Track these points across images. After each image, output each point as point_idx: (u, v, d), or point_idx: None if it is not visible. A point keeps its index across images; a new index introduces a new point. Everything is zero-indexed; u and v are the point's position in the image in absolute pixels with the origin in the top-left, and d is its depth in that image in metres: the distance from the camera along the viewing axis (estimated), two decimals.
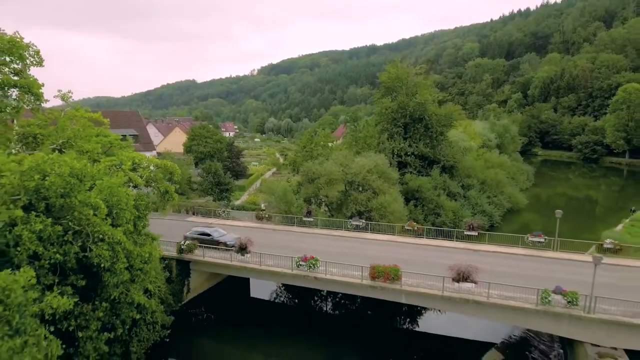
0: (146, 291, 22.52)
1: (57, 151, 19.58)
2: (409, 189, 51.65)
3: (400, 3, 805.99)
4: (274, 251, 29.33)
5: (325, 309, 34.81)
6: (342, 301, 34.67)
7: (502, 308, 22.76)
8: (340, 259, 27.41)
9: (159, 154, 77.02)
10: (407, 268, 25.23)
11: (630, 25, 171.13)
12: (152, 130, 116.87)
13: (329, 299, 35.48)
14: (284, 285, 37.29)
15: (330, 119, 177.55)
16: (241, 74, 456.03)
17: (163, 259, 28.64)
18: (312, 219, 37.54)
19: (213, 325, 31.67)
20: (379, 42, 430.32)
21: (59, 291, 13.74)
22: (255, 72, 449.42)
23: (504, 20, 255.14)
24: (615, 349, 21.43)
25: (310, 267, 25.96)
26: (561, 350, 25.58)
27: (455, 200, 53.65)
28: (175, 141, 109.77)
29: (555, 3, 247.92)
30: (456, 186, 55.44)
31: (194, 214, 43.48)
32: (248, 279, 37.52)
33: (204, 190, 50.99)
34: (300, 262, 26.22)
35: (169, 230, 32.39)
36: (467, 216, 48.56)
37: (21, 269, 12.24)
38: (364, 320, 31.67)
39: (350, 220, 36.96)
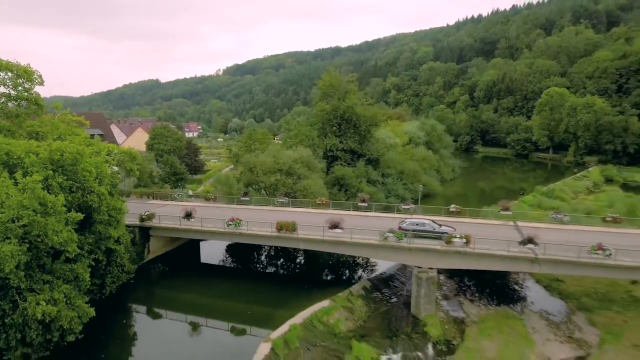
0: (117, 240, 33.48)
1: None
2: (336, 177, 64.26)
3: (367, 6, 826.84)
4: (215, 221, 40.66)
5: (256, 264, 46.79)
6: (266, 257, 46.80)
7: (361, 245, 35.23)
8: (265, 224, 39.07)
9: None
10: (309, 226, 37.30)
11: (564, 33, 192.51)
12: (114, 130, 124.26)
13: (259, 257, 47.55)
14: (227, 248, 49.06)
15: (291, 119, 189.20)
16: (206, 74, 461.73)
17: (128, 226, 39.33)
18: (247, 199, 49.07)
19: (168, 278, 42.74)
20: (344, 44, 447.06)
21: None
22: (220, 72, 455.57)
23: (458, 26, 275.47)
24: (431, 268, 34.24)
25: (235, 225, 37.52)
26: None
27: (375, 186, 66.66)
28: (137, 141, 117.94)
29: (505, 10, 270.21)
30: (376, 175, 68.53)
31: (154, 198, 54.04)
32: (199, 245, 48.96)
33: (162, 179, 61.56)
34: (229, 222, 37.74)
35: (134, 209, 43.13)
36: (381, 199, 61.73)
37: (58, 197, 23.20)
38: (278, 267, 43.79)
39: (277, 198, 48.74)
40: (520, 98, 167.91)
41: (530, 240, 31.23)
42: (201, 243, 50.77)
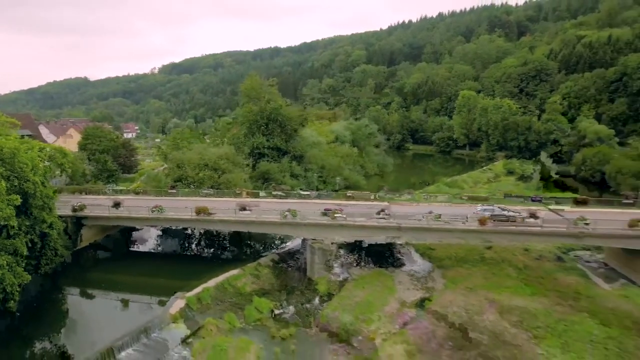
0: (50, 226, 38.47)
1: None
2: (262, 172, 71.62)
3: (307, 6, 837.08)
4: (142, 209, 46.35)
5: (183, 248, 53.17)
6: (193, 242, 53.41)
7: (266, 223, 42.97)
8: (187, 210, 45.39)
9: None
10: (223, 210, 44.29)
11: (479, 41, 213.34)
12: (43, 131, 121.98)
13: (186, 242, 54.04)
14: (158, 237, 54.86)
15: (229, 120, 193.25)
16: (140, 73, 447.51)
17: (61, 216, 43.99)
18: (175, 191, 55.04)
19: (101, 263, 48.03)
20: (283, 45, 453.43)
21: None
22: (156, 71, 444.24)
23: (390, 31, 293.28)
24: (315, 239, 42.65)
25: (158, 211, 43.73)
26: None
27: (298, 179, 74.83)
28: (69, 142, 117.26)
29: (432, 17, 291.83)
30: (299, 169, 76.72)
31: (86, 194, 58.19)
32: (130, 234, 54.29)
33: (94, 176, 65.44)
34: (153, 209, 43.86)
35: (68, 202, 47.69)
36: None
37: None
38: (204, 250, 50.63)
39: (202, 190, 55.19)
40: (445, 99, 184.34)
41: (382, 210, 40.83)
42: (133, 233, 56.11)
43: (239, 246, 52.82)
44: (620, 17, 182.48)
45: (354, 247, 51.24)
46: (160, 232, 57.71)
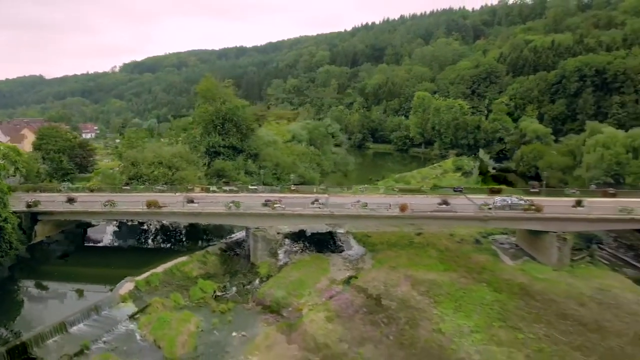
0: (5, 220, 41.62)
1: None
2: (216, 170, 75.79)
3: (275, 6, 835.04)
4: (95, 204, 49.79)
5: (139, 242, 56.90)
6: (149, 235, 57.22)
7: (212, 214, 47.58)
8: (138, 203, 49.18)
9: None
10: (172, 203, 48.49)
11: (437, 44, 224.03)
12: None
13: (143, 236, 57.72)
14: (114, 233, 58.31)
15: (190, 119, 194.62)
16: (100, 71, 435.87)
17: (15, 212, 46.89)
18: (129, 188, 58.54)
19: (55, 257, 51.06)
20: (249, 44, 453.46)
21: None
22: (117, 69, 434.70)
23: (353, 32, 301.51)
24: (258, 228, 47.57)
25: (111, 205, 47.47)
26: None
27: (252, 176, 79.41)
28: (25, 142, 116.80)
29: (394, 20, 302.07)
30: (254, 167, 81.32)
31: (41, 192, 60.62)
32: (85, 230, 57.48)
33: (49, 175, 67.75)
34: (105, 203, 47.58)
35: (23, 199, 50.47)
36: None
37: None
38: (160, 242, 54.57)
39: (155, 186, 58.97)
40: (403, 100, 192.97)
41: (316, 200, 46.38)
42: (89, 229, 59.20)
43: (195, 239, 56.80)
44: (564, 23, 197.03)
45: (299, 236, 56.66)
46: (116, 228, 61.04)
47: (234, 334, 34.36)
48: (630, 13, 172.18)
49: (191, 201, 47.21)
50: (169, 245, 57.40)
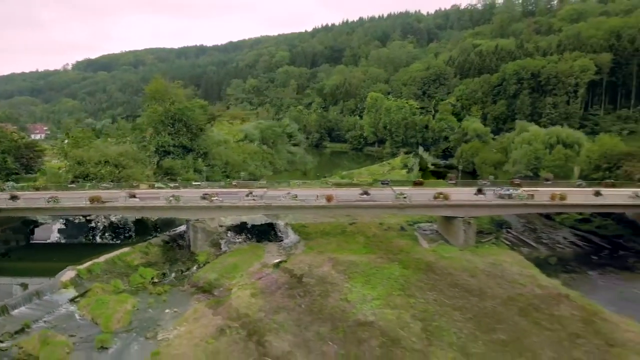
0: None
1: None
2: (165, 168, 79.43)
3: (237, 5, 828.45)
4: (39, 201, 52.65)
5: (86, 238, 59.99)
6: (96, 232, 60.46)
7: (154, 208, 51.71)
8: (81, 199, 52.49)
9: None
10: (115, 199, 52.16)
11: (392, 46, 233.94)
12: None
13: (90, 233, 60.89)
14: (60, 230, 61.04)
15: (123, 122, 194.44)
16: (51, 69, 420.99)
17: None
18: (74, 186, 61.45)
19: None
20: (209, 43, 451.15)
21: None
22: (69, 67, 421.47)
23: (313, 33, 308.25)
24: (197, 220, 52.18)
25: (54, 201, 50.66)
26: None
27: (201, 173, 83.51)
28: None
29: (353, 22, 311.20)
30: (202, 165, 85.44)
31: None
32: (32, 227, 60.00)
33: None
34: (49, 199, 50.72)
35: None
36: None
37: None
38: (108, 238, 58.05)
39: (101, 184, 62.17)
40: (359, 100, 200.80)
41: (250, 193, 51.63)
42: (36, 228, 61.55)
43: (144, 234, 59.98)
44: (510, 29, 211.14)
45: (242, 229, 61.53)
46: (63, 225, 63.65)
47: (166, 310, 38.95)
48: (567, 20, 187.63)
49: (133, 196, 51.16)
50: (117, 241, 60.49)
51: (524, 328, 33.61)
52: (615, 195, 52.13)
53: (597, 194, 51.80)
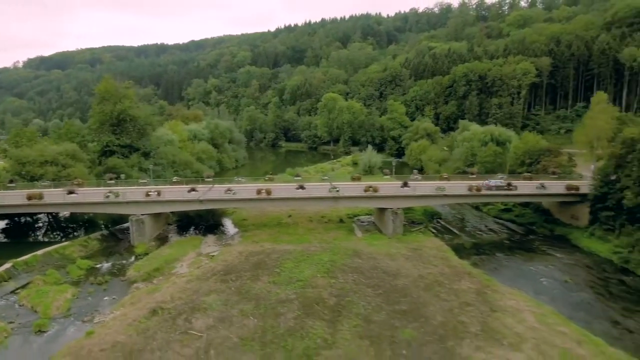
0: None
1: None
2: (109, 167, 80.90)
3: (199, 3, 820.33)
4: None
5: (31, 237, 61.19)
6: (40, 230, 61.88)
7: (92, 204, 54.03)
8: (20, 197, 53.97)
9: None
10: (54, 195, 53.99)
11: (352, 48, 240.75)
12: None
13: (34, 232, 62.15)
14: (2, 229, 62.05)
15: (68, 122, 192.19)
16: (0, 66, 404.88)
17: None
18: (14, 185, 62.37)
19: None
20: (170, 42, 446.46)
21: None
22: (20, 65, 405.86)
23: (276, 33, 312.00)
24: (136, 215, 54.90)
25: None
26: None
27: (146, 172, 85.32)
28: None
29: (315, 23, 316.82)
30: (147, 164, 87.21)
31: None
32: None
33: None
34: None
35: None
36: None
37: None
38: (51, 236, 59.60)
39: (40, 182, 63.42)
40: (315, 101, 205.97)
41: (193, 189, 54.99)
42: None
43: (93, 231, 61.48)
44: (464, 32, 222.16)
45: (190, 224, 64.50)
46: (5, 225, 64.38)
47: (105, 298, 41.67)
48: (514, 25, 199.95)
49: (71, 192, 53.20)
50: (64, 239, 61.76)
51: (424, 300, 38.63)
52: (526, 186, 58.83)
53: (509, 185, 58.41)
